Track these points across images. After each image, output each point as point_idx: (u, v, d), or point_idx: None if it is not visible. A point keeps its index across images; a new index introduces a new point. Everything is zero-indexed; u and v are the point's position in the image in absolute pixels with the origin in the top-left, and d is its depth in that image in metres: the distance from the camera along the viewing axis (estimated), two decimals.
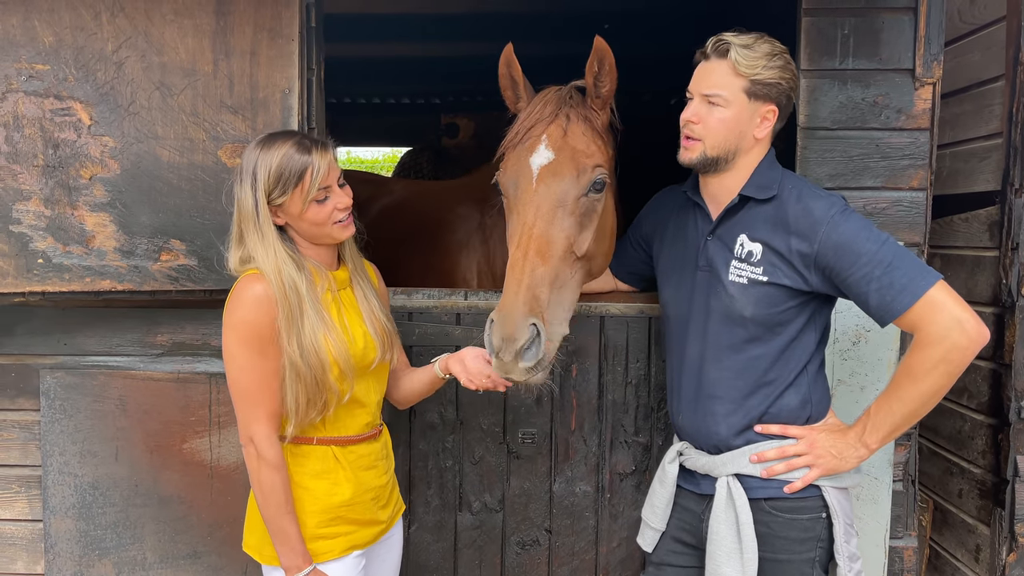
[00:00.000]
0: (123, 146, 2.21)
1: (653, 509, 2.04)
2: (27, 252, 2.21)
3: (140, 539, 2.44)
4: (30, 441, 2.46)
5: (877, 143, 2.35)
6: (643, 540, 2.08)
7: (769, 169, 1.88)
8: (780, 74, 1.80)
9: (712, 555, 1.86)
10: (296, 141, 1.79)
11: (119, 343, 2.43)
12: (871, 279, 1.69)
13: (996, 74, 2.59)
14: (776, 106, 1.83)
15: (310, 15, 2.28)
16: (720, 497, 1.86)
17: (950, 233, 2.83)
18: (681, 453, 2.00)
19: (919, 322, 1.67)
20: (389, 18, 4.57)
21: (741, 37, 1.81)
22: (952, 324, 1.64)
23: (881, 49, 2.31)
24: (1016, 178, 2.48)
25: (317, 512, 1.85)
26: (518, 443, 2.46)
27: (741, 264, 1.84)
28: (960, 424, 2.78)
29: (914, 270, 1.68)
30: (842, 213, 1.76)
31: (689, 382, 1.95)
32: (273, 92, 2.22)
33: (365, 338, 1.89)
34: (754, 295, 1.82)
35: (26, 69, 2.18)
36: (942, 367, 1.66)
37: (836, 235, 1.73)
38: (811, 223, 1.76)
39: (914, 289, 1.66)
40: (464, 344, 2.40)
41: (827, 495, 1.83)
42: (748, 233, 1.84)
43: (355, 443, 1.91)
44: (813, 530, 1.83)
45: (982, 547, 2.64)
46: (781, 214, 1.81)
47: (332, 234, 1.85)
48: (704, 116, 1.82)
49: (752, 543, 1.81)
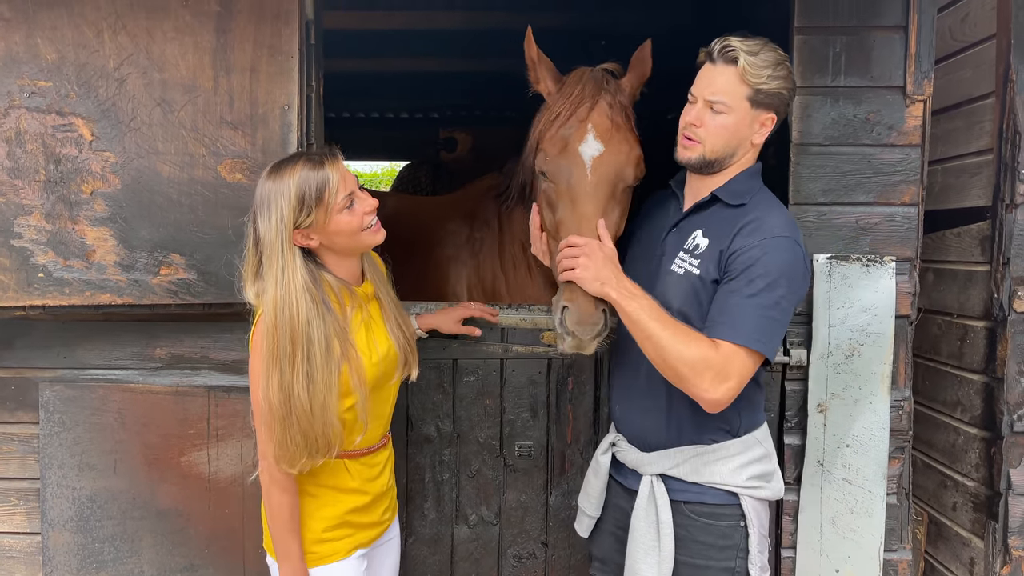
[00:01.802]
0: (124, 161, 2.23)
1: (588, 498, 2.09)
2: (28, 266, 2.23)
3: (138, 552, 2.44)
4: (29, 454, 2.47)
5: (869, 159, 2.38)
6: (580, 527, 2.14)
7: (749, 178, 1.90)
8: (783, 84, 1.82)
9: (631, 551, 1.90)
10: (305, 160, 1.78)
11: (118, 356, 2.44)
12: (728, 299, 1.74)
13: (987, 91, 2.62)
14: (776, 114, 1.85)
15: (309, 32, 2.31)
16: (642, 495, 1.90)
17: (942, 248, 2.86)
18: (614, 444, 2.03)
19: (717, 351, 1.71)
20: (386, 34, 4.61)
21: (747, 43, 1.80)
22: (720, 379, 1.69)
23: (872, 67, 2.35)
24: (1007, 194, 2.50)
25: (324, 518, 1.89)
26: (515, 456, 2.47)
27: (685, 255, 1.87)
28: (954, 437, 2.80)
29: (745, 324, 1.71)
30: (783, 240, 1.76)
31: (625, 374, 1.99)
32: (273, 108, 2.25)
33: (389, 351, 1.91)
34: (683, 288, 1.85)
35: (28, 85, 2.21)
36: (682, 368, 1.70)
37: (758, 252, 1.74)
38: (754, 231, 1.77)
39: (732, 335, 1.71)
40: (461, 357, 2.42)
41: (744, 504, 1.86)
42: (704, 229, 1.87)
43: (367, 454, 1.95)
44: (732, 538, 1.86)
45: (976, 560, 2.64)
46: (739, 219, 1.82)
47: (366, 241, 1.85)
48: (707, 120, 1.83)
49: (669, 542, 1.85)
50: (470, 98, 6.47)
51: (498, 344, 2.44)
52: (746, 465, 1.88)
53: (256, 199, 1.78)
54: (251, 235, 1.79)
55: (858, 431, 2.36)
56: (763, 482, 1.90)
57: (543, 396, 2.45)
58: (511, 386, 2.46)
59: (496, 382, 2.45)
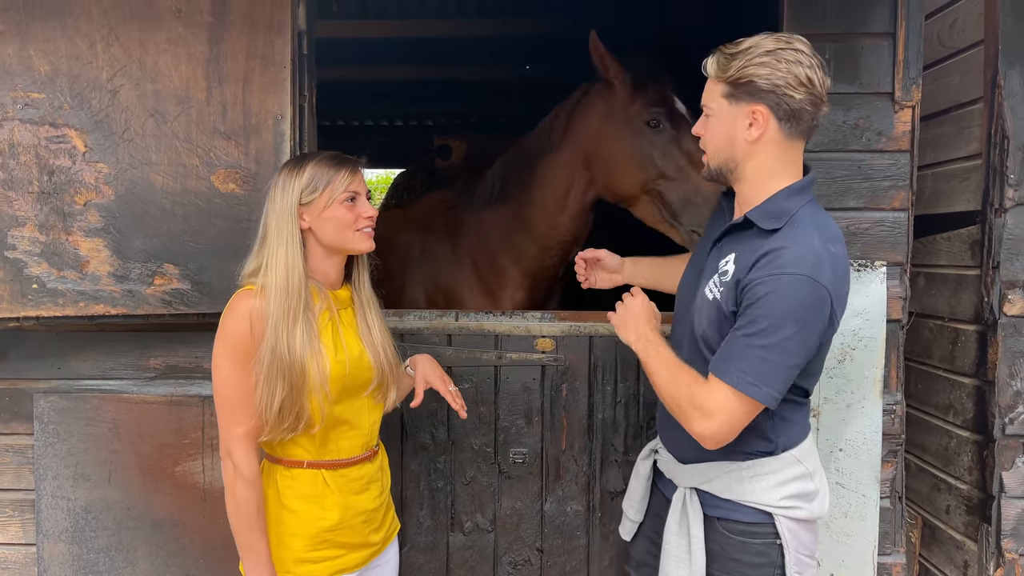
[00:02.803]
0: (117, 172, 2.24)
1: (630, 502, 2.08)
2: (22, 277, 2.24)
3: (133, 562, 2.44)
4: (24, 465, 2.47)
5: (859, 165, 2.39)
6: (623, 530, 2.12)
7: (787, 199, 1.71)
8: (757, 70, 1.65)
9: (664, 562, 1.88)
10: (330, 154, 1.89)
11: (112, 367, 2.44)
12: (734, 338, 1.67)
13: (975, 96, 2.64)
14: (765, 105, 1.67)
15: (302, 42, 2.32)
16: (675, 507, 1.88)
17: (933, 252, 2.87)
18: (655, 451, 2.03)
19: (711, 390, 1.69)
20: (379, 42, 4.62)
21: (732, 44, 1.75)
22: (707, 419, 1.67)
23: (861, 73, 2.37)
24: (996, 198, 2.52)
25: (304, 536, 1.84)
26: (509, 463, 2.48)
27: (717, 279, 1.79)
28: (946, 441, 2.81)
29: (737, 365, 1.65)
30: (795, 278, 1.61)
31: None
32: (266, 118, 2.25)
33: (361, 357, 1.88)
34: (708, 314, 1.78)
35: (22, 97, 2.22)
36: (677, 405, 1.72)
37: (766, 287, 1.63)
38: (772, 263, 1.64)
39: (729, 376, 1.65)
40: (455, 364, 2.43)
41: (779, 524, 1.78)
42: (736, 254, 1.76)
43: (347, 466, 1.90)
44: (767, 555, 1.79)
45: (970, 563, 2.66)
46: (763, 247, 1.67)
47: (353, 241, 1.87)
48: (704, 129, 1.82)
49: (700, 556, 1.80)
50: (464, 105, 6.48)
51: (492, 351, 2.44)
52: (782, 484, 1.79)
53: (273, 180, 1.88)
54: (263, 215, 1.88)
55: (851, 435, 2.38)
56: (803, 502, 1.80)
57: (537, 403, 2.46)
58: (505, 393, 2.46)
59: (490, 389, 2.46)
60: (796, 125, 1.70)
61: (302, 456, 1.86)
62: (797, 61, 1.66)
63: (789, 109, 1.67)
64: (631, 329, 1.87)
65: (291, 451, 1.86)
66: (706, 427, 1.68)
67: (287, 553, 1.83)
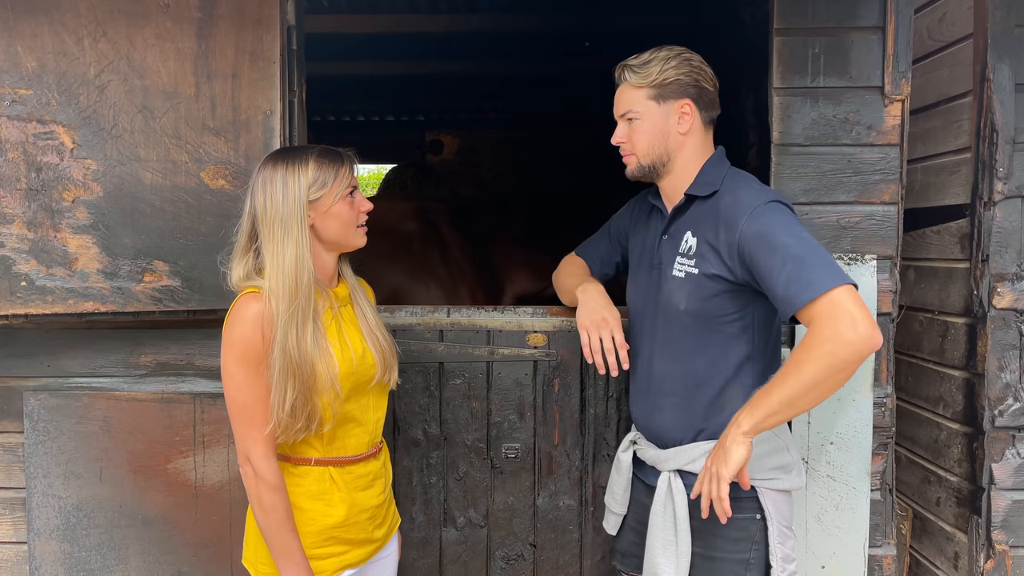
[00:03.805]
0: (106, 169, 2.23)
1: (613, 495, 2.16)
2: (10, 275, 2.22)
3: (124, 560, 2.44)
4: (14, 463, 2.46)
5: (849, 159, 2.40)
6: (607, 524, 2.20)
7: (713, 167, 1.96)
8: (677, 72, 1.91)
9: (650, 546, 1.94)
10: (324, 148, 1.87)
11: (103, 364, 2.43)
12: (782, 271, 1.71)
13: (964, 90, 2.65)
14: (690, 99, 1.92)
15: (291, 37, 2.31)
16: (660, 491, 1.95)
17: (923, 245, 2.89)
18: (634, 442, 2.11)
19: (817, 316, 1.66)
20: (370, 37, 4.61)
21: (637, 56, 1.96)
22: (847, 321, 1.63)
23: (851, 67, 2.37)
24: (985, 191, 2.54)
25: (311, 533, 1.85)
26: (502, 458, 2.48)
27: (682, 258, 1.94)
28: (936, 433, 2.82)
29: (825, 269, 1.68)
30: (767, 205, 1.80)
31: (641, 376, 2.05)
32: (255, 114, 2.25)
33: (365, 354, 1.89)
34: (687, 287, 1.90)
35: (9, 94, 2.20)
36: (827, 359, 1.64)
37: (757, 224, 1.78)
38: (736, 211, 1.82)
39: (819, 286, 1.66)
40: (447, 360, 2.43)
41: (762, 497, 1.89)
42: (692, 229, 1.94)
43: (353, 463, 1.91)
44: (747, 530, 1.89)
45: (960, 554, 2.67)
46: (716, 206, 1.89)
47: (354, 237, 1.89)
48: (628, 133, 1.98)
49: (687, 538, 1.88)
50: (455, 100, 6.47)
51: (484, 347, 2.44)
52: (762, 457, 1.89)
53: (262, 176, 1.81)
54: (249, 212, 1.82)
55: (842, 428, 2.38)
56: (782, 473, 1.93)
57: (530, 398, 2.46)
58: (497, 388, 2.46)
59: (483, 385, 2.46)
60: (710, 113, 1.97)
61: (310, 454, 1.87)
62: (700, 63, 1.95)
63: (707, 100, 1.95)
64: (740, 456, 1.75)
65: (299, 449, 1.87)
66: (859, 333, 1.62)
67: None
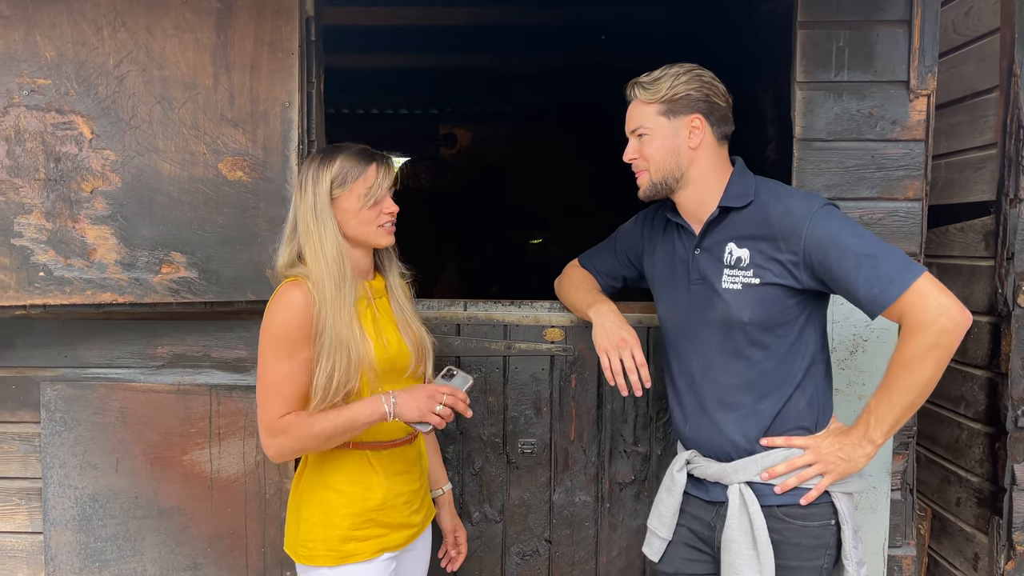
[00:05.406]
0: (124, 159, 2.22)
1: (660, 518, 2.06)
2: (28, 265, 2.22)
3: (140, 551, 2.44)
4: (31, 453, 2.46)
5: (872, 154, 2.37)
6: (649, 549, 2.10)
7: (741, 178, 1.96)
8: (687, 87, 1.90)
9: (730, 564, 1.88)
10: (359, 148, 1.94)
11: (119, 355, 2.43)
12: (859, 272, 1.74)
13: (990, 85, 2.61)
14: (700, 114, 1.91)
15: (310, 29, 2.30)
16: (733, 505, 1.90)
17: (946, 243, 2.85)
18: (689, 462, 2.03)
19: (908, 310, 1.72)
20: (387, 29, 4.59)
21: (647, 74, 1.95)
22: (939, 310, 1.69)
23: (875, 61, 2.34)
24: (1010, 188, 2.50)
25: (350, 515, 1.90)
26: (518, 453, 2.47)
27: (733, 271, 1.90)
28: (957, 433, 2.79)
29: (900, 262, 1.74)
30: (822, 209, 1.82)
31: (695, 394, 1.99)
32: (273, 105, 2.23)
33: (399, 344, 1.96)
34: (749, 299, 1.87)
35: (28, 84, 2.20)
36: (934, 352, 1.71)
37: (820, 231, 1.79)
38: (793, 221, 1.82)
39: (902, 280, 1.71)
40: (464, 354, 2.42)
41: (837, 501, 1.88)
42: (735, 240, 1.91)
43: (389, 447, 1.96)
44: (823, 537, 1.88)
45: (980, 555, 2.64)
46: (762, 216, 1.88)
47: (375, 236, 1.94)
48: (639, 150, 1.96)
49: (768, 548, 1.85)
50: (470, 94, 6.44)
51: (501, 341, 2.43)
52: None
53: (302, 169, 1.94)
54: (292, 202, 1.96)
55: None
56: (853, 475, 1.91)
57: (546, 393, 2.45)
58: (514, 383, 2.45)
59: (499, 379, 2.45)
60: (723, 128, 1.95)
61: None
62: (712, 78, 1.93)
63: (719, 115, 1.93)
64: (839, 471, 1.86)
65: None
66: (955, 319, 1.70)
67: (334, 532, 1.89)
